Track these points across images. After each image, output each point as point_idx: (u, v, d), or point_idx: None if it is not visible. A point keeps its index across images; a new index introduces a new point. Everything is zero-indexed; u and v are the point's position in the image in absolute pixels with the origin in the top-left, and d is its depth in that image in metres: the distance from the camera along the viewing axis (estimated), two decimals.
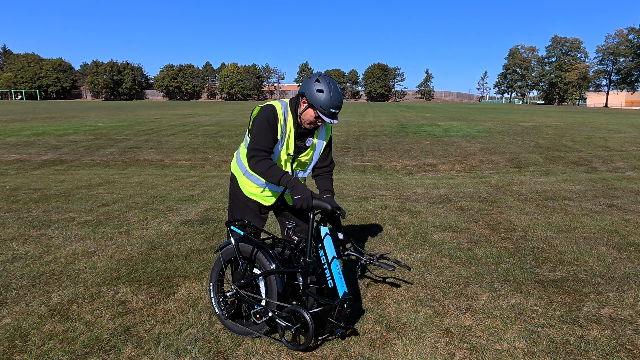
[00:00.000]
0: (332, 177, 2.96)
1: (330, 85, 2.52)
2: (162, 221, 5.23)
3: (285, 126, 2.65)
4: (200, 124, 20.72)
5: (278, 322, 2.53)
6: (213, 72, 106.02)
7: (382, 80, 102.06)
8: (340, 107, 2.55)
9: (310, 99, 2.53)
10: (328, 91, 2.50)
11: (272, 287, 2.60)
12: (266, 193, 2.85)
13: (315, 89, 2.52)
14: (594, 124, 20.54)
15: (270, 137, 2.61)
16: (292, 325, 2.48)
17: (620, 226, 5.01)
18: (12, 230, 4.78)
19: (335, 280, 2.54)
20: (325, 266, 2.57)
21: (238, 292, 2.73)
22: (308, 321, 2.40)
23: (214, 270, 2.88)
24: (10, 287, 3.36)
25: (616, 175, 9.36)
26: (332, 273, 2.55)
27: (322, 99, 2.50)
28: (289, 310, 2.50)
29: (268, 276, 2.61)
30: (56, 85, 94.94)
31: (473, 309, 3.07)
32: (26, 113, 29.78)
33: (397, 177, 9.75)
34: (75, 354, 2.51)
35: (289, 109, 2.68)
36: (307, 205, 2.49)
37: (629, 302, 3.15)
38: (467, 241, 4.53)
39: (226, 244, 2.81)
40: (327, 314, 2.47)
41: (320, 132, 2.82)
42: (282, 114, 2.63)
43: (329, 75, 2.66)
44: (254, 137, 2.63)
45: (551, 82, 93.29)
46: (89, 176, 9.19)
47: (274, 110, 2.62)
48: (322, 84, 2.53)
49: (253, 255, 2.69)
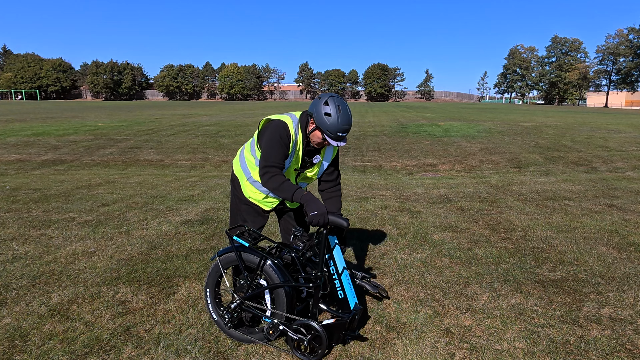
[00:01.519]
0: (341, 190, 2.93)
1: (338, 109, 2.48)
2: (162, 221, 5.23)
3: (296, 143, 2.65)
4: (200, 124, 20.72)
5: (289, 334, 2.51)
6: (213, 72, 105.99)
7: (382, 80, 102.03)
8: (349, 130, 2.52)
9: (318, 122, 2.50)
10: (336, 115, 2.46)
11: (280, 300, 2.55)
12: (268, 199, 2.84)
13: (323, 112, 2.48)
14: (594, 124, 20.54)
15: (282, 153, 2.59)
16: (305, 337, 2.46)
17: (620, 226, 5.00)
18: (12, 230, 4.78)
19: (346, 292, 2.55)
20: (335, 277, 2.56)
21: (243, 303, 2.67)
22: (322, 334, 2.42)
23: (210, 277, 2.77)
24: (10, 287, 3.36)
25: (616, 175, 9.36)
26: (342, 284, 2.56)
27: (329, 123, 2.47)
28: (300, 323, 2.49)
29: (277, 289, 2.57)
30: (56, 85, 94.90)
31: (473, 309, 3.07)
32: (26, 113, 29.78)
33: (397, 177, 9.75)
34: (75, 354, 2.52)
35: (299, 127, 2.65)
36: (324, 221, 2.43)
37: (629, 302, 3.15)
38: (467, 241, 4.53)
39: (226, 250, 2.70)
40: (341, 327, 2.48)
41: (327, 150, 2.81)
42: (293, 131, 2.62)
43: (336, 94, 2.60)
44: (266, 153, 2.59)
45: (551, 82, 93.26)
46: (89, 176, 9.19)
47: (286, 127, 2.59)
48: (330, 106, 2.49)
49: (259, 267, 2.59)
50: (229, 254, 2.69)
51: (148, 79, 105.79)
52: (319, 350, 2.45)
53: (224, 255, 2.71)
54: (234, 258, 2.67)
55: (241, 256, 2.63)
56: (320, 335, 2.42)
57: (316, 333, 2.44)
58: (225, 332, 2.71)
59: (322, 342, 2.43)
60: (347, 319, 2.46)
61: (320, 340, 2.43)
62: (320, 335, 2.42)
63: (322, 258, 2.51)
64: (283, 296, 2.53)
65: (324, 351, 2.44)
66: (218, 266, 2.72)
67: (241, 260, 2.62)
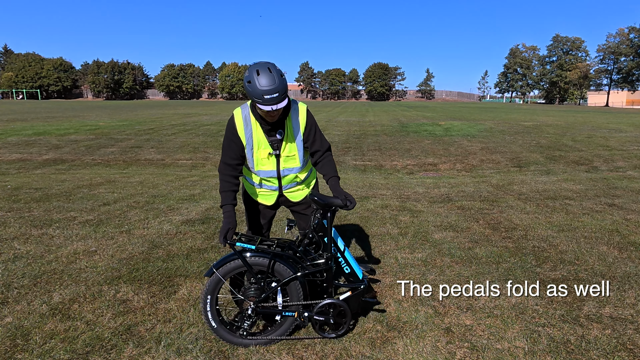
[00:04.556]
0: (332, 157, 2.78)
1: (257, 72, 2.33)
2: (163, 220, 5.24)
3: (249, 127, 2.60)
4: (201, 123, 20.72)
5: (315, 318, 2.61)
6: (214, 71, 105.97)
7: (383, 79, 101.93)
8: (277, 90, 2.32)
9: (247, 94, 2.39)
10: (256, 78, 2.32)
11: (295, 292, 2.60)
12: (263, 191, 2.83)
13: (245, 82, 2.37)
14: (595, 123, 20.52)
15: (231, 150, 2.64)
16: (328, 317, 2.61)
17: (621, 225, 5.00)
18: (14, 230, 4.79)
19: (352, 265, 2.73)
20: (339, 255, 2.72)
21: (257, 308, 2.61)
22: (346, 308, 2.62)
23: (209, 293, 2.58)
24: (11, 286, 3.37)
25: (617, 174, 9.35)
26: (347, 260, 2.73)
27: (251, 89, 2.34)
28: (324, 304, 2.61)
29: (291, 282, 2.60)
30: (57, 84, 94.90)
31: (474, 308, 3.07)
32: (27, 112, 29.81)
33: (398, 177, 9.75)
34: (77, 353, 2.52)
35: (249, 110, 2.61)
36: (220, 240, 2.47)
37: (630, 301, 3.15)
38: (467, 240, 4.53)
39: (226, 260, 2.58)
40: (360, 295, 2.69)
41: (293, 119, 2.64)
42: (242, 118, 2.60)
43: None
44: (222, 151, 2.72)
45: (552, 81, 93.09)
46: (90, 175, 9.20)
47: (232, 119, 2.63)
48: (250, 74, 2.35)
49: (270, 267, 2.57)
50: (229, 263, 2.57)
51: (149, 79, 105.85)
52: (345, 324, 2.64)
53: (223, 266, 2.57)
54: (235, 266, 2.57)
55: (247, 261, 2.56)
56: (344, 310, 2.62)
57: (340, 309, 2.62)
58: (241, 344, 2.60)
59: (346, 315, 2.62)
60: (363, 287, 2.69)
61: (345, 313, 2.63)
62: (345, 310, 2.62)
63: (329, 239, 2.64)
64: (298, 287, 2.60)
65: (349, 323, 2.64)
66: (217, 279, 2.57)
67: (249, 267, 2.56)
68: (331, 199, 2.57)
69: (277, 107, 2.35)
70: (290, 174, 2.75)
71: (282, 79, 2.38)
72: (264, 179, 2.76)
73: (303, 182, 2.87)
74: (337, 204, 2.55)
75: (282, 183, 2.77)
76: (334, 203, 2.55)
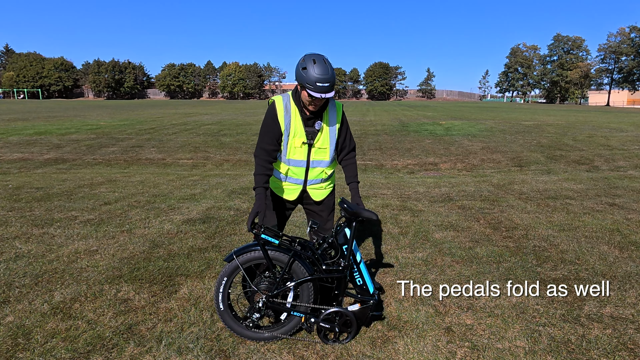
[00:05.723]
0: (355, 159, 2.94)
1: (314, 61, 2.48)
2: (163, 220, 5.24)
3: (289, 115, 2.69)
4: (202, 122, 20.73)
5: (321, 325, 2.61)
6: (214, 71, 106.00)
7: (384, 79, 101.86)
8: (329, 80, 2.47)
9: (299, 79, 2.52)
10: (312, 66, 2.46)
11: (307, 293, 2.62)
12: (287, 185, 2.87)
13: (300, 68, 2.50)
14: (596, 122, 20.49)
15: (270, 136, 2.71)
16: (334, 324, 2.61)
17: (622, 225, 5.00)
18: (15, 229, 4.80)
19: (365, 279, 2.72)
20: (354, 266, 2.70)
21: (268, 301, 2.64)
22: (352, 319, 2.62)
23: (225, 276, 2.61)
24: (13, 285, 3.37)
25: (618, 174, 9.34)
26: (361, 273, 2.71)
27: (306, 75, 2.47)
28: (331, 312, 2.61)
29: (304, 283, 2.61)
30: (58, 84, 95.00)
31: (474, 307, 3.07)
32: (28, 112, 29.84)
33: (399, 176, 9.75)
34: (78, 352, 2.53)
35: (290, 98, 2.73)
36: (250, 218, 2.47)
37: (631, 301, 3.15)
38: (468, 240, 4.53)
39: (246, 249, 2.62)
40: (368, 310, 2.69)
41: (331, 114, 2.78)
42: (283, 105, 2.69)
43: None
44: (259, 136, 2.76)
45: (553, 80, 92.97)
46: (91, 175, 9.21)
47: (273, 105, 2.71)
48: (305, 61, 2.49)
49: (289, 265, 2.58)
50: (250, 252, 2.60)
51: (150, 78, 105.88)
52: (349, 335, 2.65)
53: (243, 254, 2.60)
54: (254, 257, 2.60)
55: (268, 255, 2.58)
56: (351, 320, 2.63)
57: (347, 318, 2.63)
58: (242, 334, 2.63)
59: (352, 326, 2.63)
60: (373, 302, 2.69)
61: (351, 324, 2.64)
62: (351, 320, 2.62)
63: (349, 248, 2.64)
64: (310, 289, 2.61)
65: (355, 333, 2.66)
66: (236, 266, 2.60)
67: (269, 260, 2.59)
68: (361, 210, 2.57)
69: (326, 96, 2.49)
70: (318, 166, 2.82)
71: (333, 72, 2.52)
72: (291, 169, 2.81)
73: (327, 180, 2.93)
74: (365, 215, 2.54)
75: (308, 177, 2.83)
76: (362, 214, 2.54)
